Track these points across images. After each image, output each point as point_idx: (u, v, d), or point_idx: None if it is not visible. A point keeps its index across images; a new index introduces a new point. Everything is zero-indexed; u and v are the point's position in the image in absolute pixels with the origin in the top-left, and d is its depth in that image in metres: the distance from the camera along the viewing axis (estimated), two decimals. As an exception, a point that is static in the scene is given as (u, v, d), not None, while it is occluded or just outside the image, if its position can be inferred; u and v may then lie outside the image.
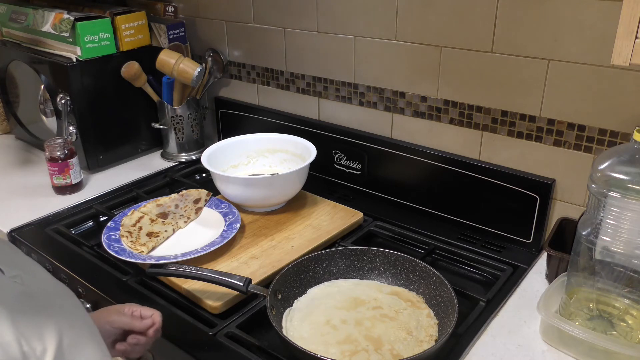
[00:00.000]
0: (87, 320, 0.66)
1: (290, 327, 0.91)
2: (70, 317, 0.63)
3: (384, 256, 1.02)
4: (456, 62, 1.13)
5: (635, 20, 0.65)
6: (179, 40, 1.57)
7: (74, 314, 0.65)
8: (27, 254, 1.18)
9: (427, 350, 0.82)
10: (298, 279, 1.00)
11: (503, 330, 0.93)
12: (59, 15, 1.44)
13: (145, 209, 1.23)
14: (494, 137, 1.14)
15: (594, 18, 0.95)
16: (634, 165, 0.78)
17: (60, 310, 0.62)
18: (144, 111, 1.59)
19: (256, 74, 1.51)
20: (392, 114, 1.27)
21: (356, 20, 1.25)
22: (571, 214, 1.09)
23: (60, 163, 1.37)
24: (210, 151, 1.30)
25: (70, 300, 0.66)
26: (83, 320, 0.65)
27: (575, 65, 1.00)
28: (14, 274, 0.60)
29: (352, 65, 1.30)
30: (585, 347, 0.84)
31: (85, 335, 0.63)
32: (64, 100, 1.43)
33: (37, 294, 0.61)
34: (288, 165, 1.35)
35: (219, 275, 0.94)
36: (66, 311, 0.63)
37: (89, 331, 0.65)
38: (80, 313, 0.66)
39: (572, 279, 0.89)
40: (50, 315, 0.59)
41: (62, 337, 0.58)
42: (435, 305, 0.94)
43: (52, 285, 0.66)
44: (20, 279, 0.60)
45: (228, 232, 1.13)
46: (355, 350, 0.86)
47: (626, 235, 0.79)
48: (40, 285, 0.63)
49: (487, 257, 1.11)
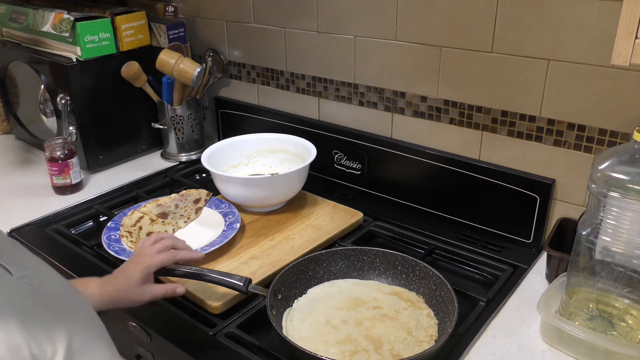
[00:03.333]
0: (96, 320, 0.65)
1: (290, 327, 0.91)
2: (79, 318, 0.62)
3: (384, 256, 1.02)
4: (456, 62, 1.13)
5: (635, 20, 0.65)
6: (179, 40, 1.57)
7: (83, 314, 0.64)
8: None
9: (427, 350, 0.82)
10: (298, 279, 1.00)
11: (503, 330, 0.93)
12: (59, 15, 1.44)
13: (145, 209, 1.23)
14: (494, 137, 1.14)
15: (594, 18, 0.95)
16: (634, 165, 0.78)
17: (69, 311, 0.61)
18: (144, 111, 1.59)
19: (256, 74, 1.51)
20: (392, 114, 1.27)
21: (356, 20, 1.25)
22: (571, 214, 1.09)
23: (60, 163, 1.37)
24: (210, 151, 1.30)
25: (78, 301, 0.66)
26: (92, 321, 0.65)
27: (575, 65, 1.00)
28: (22, 274, 0.59)
29: (352, 65, 1.30)
30: (585, 347, 0.84)
31: (95, 335, 0.63)
32: (64, 100, 1.43)
33: (46, 295, 0.60)
34: (288, 165, 1.35)
35: (219, 275, 0.94)
36: (75, 311, 0.63)
37: (99, 331, 0.64)
38: (89, 313, 0.65)
39: (572, 279, 0.89)
40: (59, 316, 0.58)
41: (72, 338, 0.57)
42: (435, 306, 0.94)
43: (60, 285, 0.65)
44: (29, 279, 0.59)
45: (228, 232, 1.13)
46: (356, 350, 0.86)
47: (626, 235, 0.79)
48: (48, 286, 0.62)
49: (487, 257, 1.11)
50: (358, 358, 0.84)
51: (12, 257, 0.61)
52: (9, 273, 0.58)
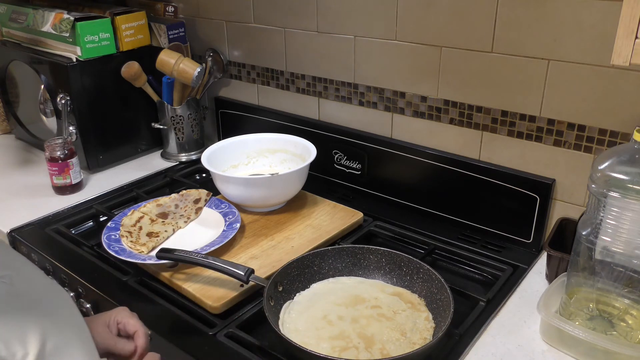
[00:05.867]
0: (77, 323, 0.64)
1: (288, 320, 0.92)
2: (58, 320, 0.60)
3: (390, 256, 1.02)
4: (456, 62, 1.13)
5: (635, 20, 0.65)
6: (179, 40, 1.57)
7: (63, 316, 0.62)
8: (26, 254, 1.18)
9: (410, 352, 0.82)
10: (302, 273, 1.00)
11: (503, 330, 0.93)
12: (59, 15, 1.44)
13: (145, 209, 1.23)
14: (494, 137, 1.14)
15: (594, 18, 0.95)
16: (634, 165, 0.78)
17: (47, 312, 0.60)
18: (144, 111, 1.59)
19: (256, 74, 1.51)
20: (392, 114, 1.27)
21: (356, 20, 1.25)
22: (571, 214, 1.09)
23: (60, 163, 1.37)
24: (210, 151, 1.30)
25: (62, 302, 0.64)
26: (73, 323, 0.63)
27: (575, 65, 1.00)
28: (2, 273, 0.58)
29: (352, 65, 1.30)
30: (585, 347, 0.84)
31: (73, 339, 0.61)
32: (64, 100, 1.43)
33: (25, 295, 0.59)
34: (288, 165, 1.35)
35: (222, 264, 0.96)
36: (54, 313, 0.61)
37: (78, 335, 0.62)
38: (71, 316, 0.64)
39: (572, 279, 0.89)
40: (35, 317, 0.57)
41: (45, 341, 0.56)
42: (435, 309, 0.94)
43: (43, 286, 0.64)
44: (10, 278, 0.58)
45: (228, 232, 1.13)
46: (346, 346, 0.86)
47: (626, 235, 0.79)
48: (30, 286, 0.61)
49: (487, 257, 1.11)
50: (347, 354, 0.85)
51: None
52: None
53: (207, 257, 0.98)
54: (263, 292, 0.92)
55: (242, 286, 0.99)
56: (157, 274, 1.06)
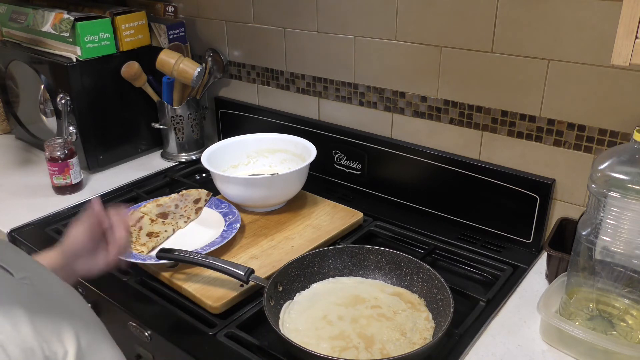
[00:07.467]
0: (97, 320, 0.65)
1: (288, 319, 0.92)
2: (83, 318, 0.61)
3: (390, 257, 1.02)
4: (456, 62, 1.13)
5: (635, 20, 0.65)
6: (179, 40, 1.57)
7: (85, 314, 0.64)
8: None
9: (410, 352, 0.82)
10: (302, 273, 1.00)
11: (503, 330, 0.93)
12: (59, 15, 1.44)
13: (145, 209, 1.23)
14: (494, 137, 1.14)
15: (594, 18, 0.95)
16: (634, 165, 0.78)
17: (73, 311, 0.61)
18: (144, 111, 1.59)
19: (256, 74, 1.51)
20: (392, 114, 1.27)
21: (356, 20, 1.25)
22: (571, 214, 1.09)
23: (60, 163, 1.37)
24: (210, 151, 1.30)
25: (79, 301, 0.65)
26: (95, 320, 0.64)
27: (575, 65, 1.00)
28: (22, 275, 0.58)
29: (352, 65, 1.30)
30: (585, 347, 0.84)
31: (100, 334, 0.62)
32: (64, 100, 1.43)
33: (47, 295, 0.60)
34: (288, 165, 1.35)
35: (222, 264, 0.96)
36: (78, 311, 0.62)
37: (102, 331, 0.64)
38: (90, 313, 0.65)
39: (572, 279, 0.89)
40: (65, 316, 0.57)
41: (79, 338, 0.56)
42: (435, 309, 0.94)
43: (60, 287, 0.64)
44: (30, 280, 0.58)
45: (228, 232, 1.13)
46: (346, 346, 0.86)
47: (626, 235, 0.79)
48: (48, 286, 0.62)
49: (487, 257, 1.11)
50: (347, 354, 0.85)
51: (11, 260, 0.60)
52: (10, 274, 0.57)
53: (207, 257, 0.98)
54: (263, 292, 0.92)
55: (242, 286, 0.99)
56: (157, 274, 1.06)
